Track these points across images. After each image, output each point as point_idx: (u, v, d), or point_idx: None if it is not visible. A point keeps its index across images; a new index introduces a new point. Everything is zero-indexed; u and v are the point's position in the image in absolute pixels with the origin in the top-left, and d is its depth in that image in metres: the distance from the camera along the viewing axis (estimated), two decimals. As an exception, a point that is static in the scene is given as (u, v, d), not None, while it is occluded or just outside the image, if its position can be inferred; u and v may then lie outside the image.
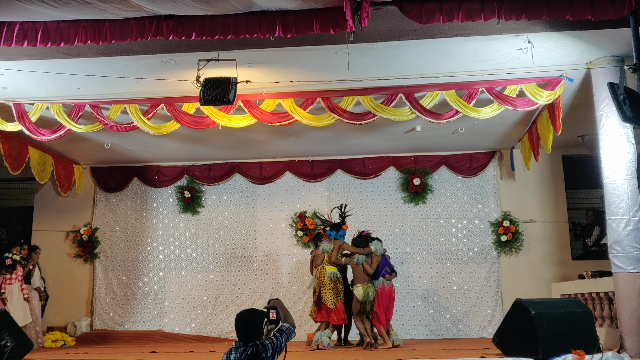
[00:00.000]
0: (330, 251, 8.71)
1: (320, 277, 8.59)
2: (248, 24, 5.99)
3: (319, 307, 8.60)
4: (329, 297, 8.46)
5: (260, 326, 3.99)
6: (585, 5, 5.75)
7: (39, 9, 5.72)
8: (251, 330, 3.95)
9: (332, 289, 8.49)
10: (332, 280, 8.54)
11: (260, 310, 4.04)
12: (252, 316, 4.00)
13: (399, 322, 10.26)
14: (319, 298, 8.56)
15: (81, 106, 8.20)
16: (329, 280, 8.53)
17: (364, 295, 8.31)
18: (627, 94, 5.88)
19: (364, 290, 8.34)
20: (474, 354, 6.95)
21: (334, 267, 8.64)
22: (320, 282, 8.56)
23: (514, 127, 9.74)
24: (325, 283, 8.51)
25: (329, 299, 8.45)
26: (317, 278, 8.63)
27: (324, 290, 8.49)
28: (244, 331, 3.94)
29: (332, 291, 8.48)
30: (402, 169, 11.15)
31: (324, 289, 8.50)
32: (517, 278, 10.54)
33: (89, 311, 11.20)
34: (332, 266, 8.63)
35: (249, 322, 3.96)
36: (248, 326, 3.95)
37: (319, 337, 8.36)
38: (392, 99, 7.92)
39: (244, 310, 4.07)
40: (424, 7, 5.75)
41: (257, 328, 3.97)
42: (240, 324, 3.95)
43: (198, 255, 11.28)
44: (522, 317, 6.21)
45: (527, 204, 10.86)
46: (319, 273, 8.64)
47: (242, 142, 10.32)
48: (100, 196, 11.66)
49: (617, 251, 6.85)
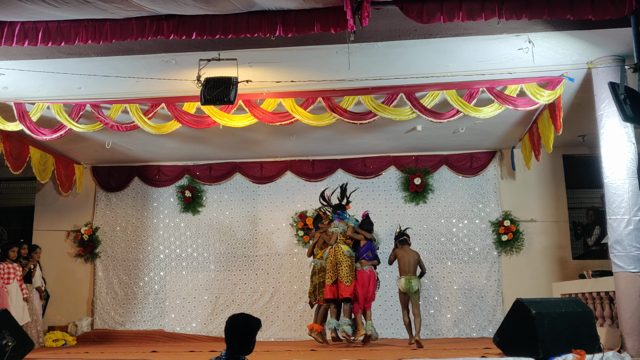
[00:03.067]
0: (345, 231, 8.78)
1: (336, 255, 8.63)
2: (249, 24, 5.99)
3: (331, 286, 8.61)
4: (346, 273, 8.51)
5: (253, 335, 3.62)
6: (586, 4, 5.75)
7: (40, 9, 5.72)
8: (242, 337, 3.58)
9: (348, 266, 8.56)
10: (349, 257, 8.62)
11: (256, 318, 3.68)
12: (245, 322, 3.63)
13: (399, 322, 10.23)
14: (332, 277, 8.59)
15: (82, 106, 8.20)
16: (347, 257, 8.60)
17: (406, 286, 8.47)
18: (628, 93, 5.88)
19: (406, 282, 8.48)
20: (474, 353, 6.94)
21: (348, 246, 8.72)
22: (336, 259, 8.60)
23: (515, 127, 9.74)
24: (343, 260, 8.56)
25: (345, 275, 8.49)
26: (332, 256, 8.66)
27: (341, 267, 8.53)
28: (234, 338, 3.58)
29: (349, 268, 8.55)
30: (403, 168, 11.15)
31: (341, 265, 8.54)
32: (518, 278, 10.54)
33: (90, 311, 11.21)
34: (346, 245, 8.71)
35: (241, 329, 3.60)
36: (240, 334, 3.58)
37: (338, 325, 8.43)
38: (392, 98, 7.92)
39: (237, 314, 3.70)
40: (425, 6, 5.75)
41: (249, 337, 3.60)
42: (229, 329, 3.60)
43: (199, 254, 11.28)
44: (523, 317, 6.20)
45: (527, 204, 10.86)
46: (334, 251, 8.67)
47: (243, 142, 10.32)
48: (101, 196, 11.67)
49: (617, 251, 6.85)
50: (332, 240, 8.78)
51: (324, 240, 9.01)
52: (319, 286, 8.90)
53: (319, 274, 8.96)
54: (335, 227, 8.87)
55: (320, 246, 9.06)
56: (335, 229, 8.83)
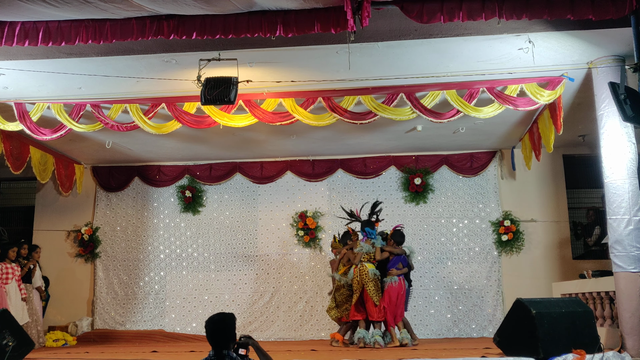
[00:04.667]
0: (372, 252, 8.70)
1: (361, 275, 8.59)
2: (249, 24, 5.99)
3: (357, 306, 8.63)
4: (374, 293, 8.50)
5: (231, 331, 3.94)
6: (586, 4, 5.74)
7: (41, 9, 5.72)
8: (223, 334, 3.90)
9: (374, 286, 8.54)
10: (374, 278, 8.58)
11: (230, 314, 4.03)
12: (222, 320, 3.95)
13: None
14: (360, 296, 8.57)
15: (82, 106, 8.20)
16: (373, 277, 8.56)
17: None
18: (628, 93, 5.89)
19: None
20: (475, 353, 6.94)
21: (373, 265, 8.68)
22: (362, 279, 8.57)
23: (515, 127, 9.74)
24: (369, 280, 8.53)
25: (374, 295, 8.49)
26: (358, 276, 8.61)
27: (368, 287, 8.51)
28: (216, 337, 3.89)
29: (375, 288, 8.53)
30: (403, 168, 11.16)
31: (368, 286, 8.52)
32: (518, 277, 10.54)
33: (90, 311, 11.21)
34: (371, 264, 8.66)
35: (219, 327, 3.91)
36: (219, 330, 3.90)
37: (368, 335, 8.43)
38: (393, 98, 7.92)
39: (214, 314, 4.02)
40: (425, 6, 5.75)
41: (229, 333, 3.92)
42: (211, 329, 3.91)
43: (199, 254, 11.29)
44: (523, 317, 6.20)
45: (528, 204, 10.87)
46: (359, 271, 8.62)
47: (243, 142, 10.33)
48: (101, 196, 11.67)
49: (617, 251, 6.85)
50: (357, 260, 8.72)
51: (348, 257, 8.94)
52: (341, 304, 8.90)
53: (340, 291, 8.92)
54: (360, 247, 8.80)
55: (344, 263, 9.00)
56: (360, 249, 8.77)
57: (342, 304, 8.89)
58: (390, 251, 8.72)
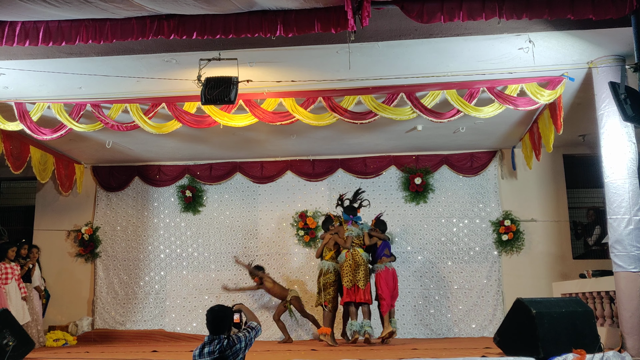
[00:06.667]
0: (361, 236, 8.98)
1: (354, 258, 8.76)
2: (249, 24, 5.99)
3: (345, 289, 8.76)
4: (363, 277, 8.66)
5: (229, 320, 4.51)
6: (586, 4, 5.74)
7: (41, 9, 5.72)
8: (222, 322, 4.43)
9: (365, 269, 8.72)
10: (366, 262, 8.82)
11: (228, 307, 4.60)
12: (222, 310, 4.50)
13: (400, 322, 10.24)
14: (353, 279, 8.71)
15: (82, 105, 8.20)
16: (365, 261, 8.79)
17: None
18: (628, 93, 5.88)
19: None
20: (475, 353, 6.94)
21: (362, 250, 8.92)
22: (356, 262, 8.73)
23: (515, 127, 9.74)
24: (362, 263, 8.73)
25: (362, 279, 8.65)
26: (350, 259, 8.76)
27: (359, 270, 8.68)
28: (215, 324, 4.42)
29: (365, 272, 8.73)
30: (403, 168, 11.16)
31: (359, 269, 8.68)
32: (518, 277, 10.54)
33: (90, 310, 11.21)
34: (361, 248, 8.91)
35: (219, 316, 4.45)
36: (219, 319, 4.44)
37: (359, 327, 8.52)
38: (393, 98, 7.92)
39: (214, 305, 4.57)
40: (425, 6, 5.75)
41: (227, 321, 4.48)
42: (211, 318, 4.44)
43: (199, 254, 11.28)
44: (523, 317, 6.21)
45: (528, 203, 10.86)
46: (352, 255, 8.80)
47: (243, 142, 10.33)
48: (102, 195, 11.67)
49: (618, 250, 6.85)
50: (348, 244, 8.88)
51: (334, 242, 9.08)
52: (325, 287, 8.94)
53: (326, 275, 8.99)
54: (350, 230, 8.94)
55: (329, 248, 9.11)
56: (350, 233, 8.92)
57: (327, 288, 8.94)
58: (377, 236, 9.08)
